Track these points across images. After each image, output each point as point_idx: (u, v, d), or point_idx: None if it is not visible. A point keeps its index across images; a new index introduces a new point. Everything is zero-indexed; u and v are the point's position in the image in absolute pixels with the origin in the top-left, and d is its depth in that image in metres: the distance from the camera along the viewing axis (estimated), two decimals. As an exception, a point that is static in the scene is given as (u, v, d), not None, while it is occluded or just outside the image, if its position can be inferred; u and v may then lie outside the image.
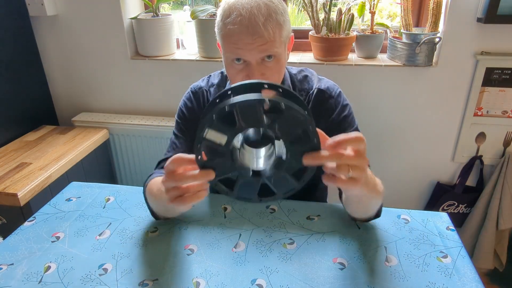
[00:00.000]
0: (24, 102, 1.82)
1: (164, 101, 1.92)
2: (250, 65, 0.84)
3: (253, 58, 0.82)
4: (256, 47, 0.80)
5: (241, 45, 0.81)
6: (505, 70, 1.55)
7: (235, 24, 0.79)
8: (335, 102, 0.97)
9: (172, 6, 2.16)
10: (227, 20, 0.81)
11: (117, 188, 1.10)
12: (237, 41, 0.81)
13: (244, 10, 0.79)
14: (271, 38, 0.80)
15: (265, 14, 0.79)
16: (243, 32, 0.79)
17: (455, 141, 1.74)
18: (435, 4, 1.49)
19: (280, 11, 0.82)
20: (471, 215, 1.76)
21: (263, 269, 0.79)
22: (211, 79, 1.06)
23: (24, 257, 0.84)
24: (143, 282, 0.77)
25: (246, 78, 0.85)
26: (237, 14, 0.79)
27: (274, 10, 0.81)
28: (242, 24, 0.79)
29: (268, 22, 0.79)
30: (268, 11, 0.80)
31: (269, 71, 0.85)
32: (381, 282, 0.75)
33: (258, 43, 0.80)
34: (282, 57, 0.86)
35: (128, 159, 1.93)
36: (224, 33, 0.83)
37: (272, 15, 0.80)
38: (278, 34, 0.82)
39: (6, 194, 1.33)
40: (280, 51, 0.84)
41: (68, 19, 1.82)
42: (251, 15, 0.78)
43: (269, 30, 0.79)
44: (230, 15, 0.80)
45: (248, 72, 0.84)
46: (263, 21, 0.78)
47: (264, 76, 0.85)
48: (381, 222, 0.92)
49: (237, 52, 0.83)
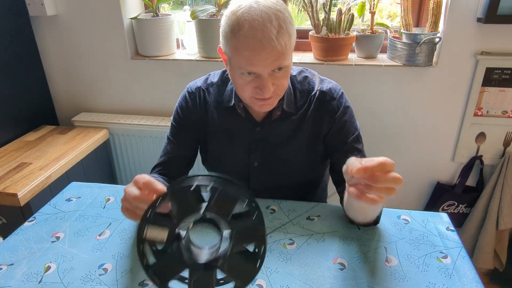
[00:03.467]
0: (24, 102, 1.82)
1: (164, 101, 1.92)
2: (261, 78, 0.83)
3: (265, 71, 0.82)
4: (270, 62, 0.80)
5: (255, 60, 0.80)
6: (505, 70, 1.55)
7: (247, 37, 0.77)
8: (337, 103, 0.96)
9: (172, 6, 2.16)
10: (239, 33, 0.78)
11: (117, 188, 1.10)
12: (251, 56, 0.79)
13: (256, 23, 0.77)
14: (283, 50, 0.79)
15: (277, 26, 0.77)
16: (257, 47, 0.78)
17: (455, 141, 1.74)
18: (435, 4, 1.49)
19: (289, 20, 0.81)
20: (471, 215, 1.76)
21: (263, 269, 0.79)
22: (211, 78, 1.04)
23: (24, 257, 0.84)
24: (143, 282, 0.77)
25: (256, 90, 0.85)
26: (249, 27, 0.77)
27: (284, 20, 0.79)
28: (256, 38, 0.77)
29: (280, 35, 0.78)
30: (279, 22, 0.78)
31: (278, 80, 0.85)
32: (381, 282, 0.75)
33: (272, 57, 0.79)
34: (290, 66, 0.87)
35: (128, 159, 1.93)
36: (236, 46, 0.80)
37: (283, 26, 0.79)
38: (289, 45, 0.81)
39: (6, 194, 1.33)
40: (290, 61, 0.85)
41: (68, 19, 1.82)
42: (264, 28, 0.76)
43: (281, 42, 0.78)
44: (242, 28, 0.78)
45: (259, 84, 0.84)
46: (276, 34, 0.77)
47: (274, 86, 0.85)
48: (381, 223, 0.92)
49: (249, 68, 0.81)
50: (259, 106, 0.89)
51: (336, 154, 0.97)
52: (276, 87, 0.86)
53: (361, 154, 0.96)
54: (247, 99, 0.89)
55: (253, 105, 0.90)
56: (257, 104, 0.89)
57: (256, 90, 0.85)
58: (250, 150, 1.00)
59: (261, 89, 0.84)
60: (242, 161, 1.01)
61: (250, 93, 0.87)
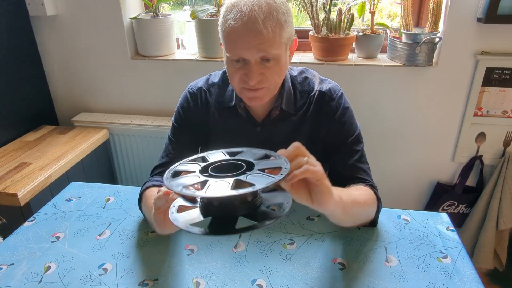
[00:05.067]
0: (24, 102, 1.82)
1: (164, 101, 1.92)
2: (249, 64, 0.83)
3: (252, 57, 0.82)
4: (255, 45, 0.80)
5: (240, 44, 0.81)
6: (505, 70, 1.55)
7: (235, 20, 0.79)
8: (336, 104, 0.96)
9: (172, 6, 2.16)
10: (228, 16, 0.81)
11: (117, 188, 1.10)
12: (236, 39, 0.81)
13: (245, 7, 0.79)
14: (270, 36, 0.80)
15: (266, 11, 0.79)
16: (243, 29, 0.79)
17: (455, 141, 1.74)
18: (435, 4, 1.49)
19: (283, 11, 0.82)
20: (471, 215, 1.76)
21: (263, 269, 0.79)
22: (212, 78, 1.04)
23: (24, 257, 0.84)
24: (143, 282, 0.77)
25: (244, 78, 0.85)
26: (237, 10, 0.79)
27: (276, 9, 0.80)
28: (242, 19, 0.79)
29: (268, 20, 0.79)
30: (269, 9, 0.79)
31: (268, 71, 0.84)
32: (381, 282, 0.75)
33: (257, 41, 0.80)
34: (282, 59, 0.86)
35: (128, 159, 1.93)
36: (225, 29, 0.82)
37: (273, 13, 0.80)
38: (278, 33, 0.81)
39: (6, 194, 1.33)
40: (279, 52, 0.84)
41: (68, 19, 1.82)
42: (251, 11, 0.78)
43: (268, 28, 0.79)
44: (231, 12, 0.80)
45: (246, 71, 0.84)
46: (263, 18, 0.78)
47: (263, 75, 0.84)
48: (381, 222, 0.92)
49: (236, 52, 0.83)
50: (248, 98, 0.89)
51: (335, 155, 0.97)
52: (265, 78, 0.85)
53: (360, 155, 0.95)
54: (237, 89, 0.90)
55: (243, 97, 0.91)
56: (246, 95, 0.89)
57: (243, 78, 0.85)
58: None
59: (247, 76, 0.84)
60: None
61: (238, 82, 0.87)
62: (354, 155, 0.94)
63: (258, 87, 0.85)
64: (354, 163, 0.94)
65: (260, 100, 0.89)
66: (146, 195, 0.90)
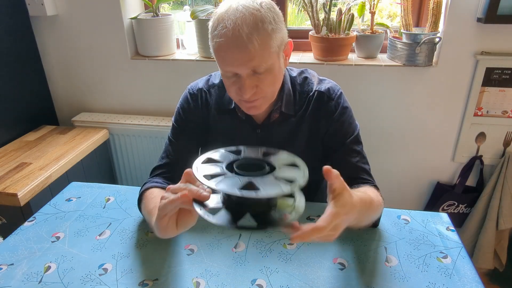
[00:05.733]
0: (24, 102, 1.82)
1: (164, 101, 1.92)
2: (241, 78, 0.82)
3: (243, 72, 0.81)
4: (242, 62, 0.78)
5: (228, 61, 0.80)
6: (505, 70, 1.55)
7: (220, 37, 0.78)
8: (335, 104, 0.95)
9: (172, 6, 2.16)
10: (214, 33, 0.79)
11: (117, 188, 1.10)
12: (224, 56, 0.80)
13: (228, 22, 0.76)
14: (256, 50, 0.76)
15: (250, 24, 0.75)
16: (228, 46, 0.77)
17: (455, 141, 1.74)
18: (435, 4, 1.49)
19: (269, 20, 0.78)
20: (471, 215, 1.76)
21: (263, 269, 0.79)
22: (212, 79, 1.03)
23: (24, 257, 0.84)
24: (143, 282, 0.77)
25: (238, 91, 0.84)
26: (222, 26, 0.77)
27: (261, 19, 0.76)
28: (227, 36, 0.76)
29: (254, 33, 0.75)
30: (254, 20, 0.76)
31: (261, 82, 0.83)
32: (381, 282, 0.75)
33: (244, 57, 0.78)
34: (275, 68, 0.83)
35: (128, 159, 1.93)
36: (213, 45, 0.82)
37: (259, 24, 0.76)
38: (265, 45, 0.78)
39: (6, 194, 1.33)
40: (271, 62, 0.81)
41: (68, 19, 1.82)
42: (235, 26, 0.75)
43: (254, 42, 0.75)
44: (217, 28, 0.78)
45: (239, 85, 0.83)
46: (247, 32, 0.75)
47: (257, 88, 0.83)
48: (381, 222, 0.92)
49: (226, 68, 0.82)
50: (246, 108, 0.89)
51: (335, 156, 0.96)
52: (260, 90, 0.84)
53: (361, 156, 0.95)
54: (235, 100, 0.90)
55: (241, 107, 0.91)
56: (244, 106, 0.89)
57: (238, 92, 0.84)
58: None
59: (241, 90, 0.83)
60: None
61: (235, 95, 0.87)
62: (355, 155, 0.94)
63: (253, 99, 0.85)
64: (355, 163, 0.94)
65: (258, 109, 0.89)
66: (146, 196, 0.89)
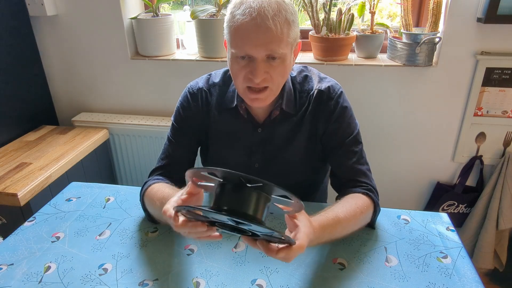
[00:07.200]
0: (24, 102, 1.82)
1: (164, 101, 1.92)
2: (254, 61, 0.82)
3: (259, 54, 0.81)
4: (263, 42, 0.79)
5: (248, 40, 0.80)
6: (505, 70, 1.55)
7: (244, 15, 0.79)
8: (334, 103, 0.95)
9: (172, 6, 2.16)
10: (236, 12, 0.80)
11: (117, 188, 1.10)
12: (244, 34, 0.80)
13: (254, 3, 0.78)
14: (278, 34, 0.79)
15: (275, 9, 0.79)
16: (252, 24, 0.78)
17: (455, 141, 1.74)
18: (435, 4, 1.49)
19: (291, 11, 0.82)
20: (471, 215, 1.76)
21: (263, 269, 0.79)
22: (212, 78, 1.03)
23: (24, 257, 0.84)
24: (143, 282, 0.77)
25: (248, 75, 0.84)
26: (246, 6, 0.79)
27: (284, 8, 0.80)
28: (251, 15, 0.78)
29: (277, 17, 0.78)
30: (279, 7, 0.79)
31: (273, 70, 0.83)
32: (381, 282, 0.75)
33: (265, 38, 0.79)
34: (287, 59, 0.85)
35: (128, 159, 1.94)
36: (232, 24, 0.81)
37: (282, 12, 0.79)
38: (286, 32, 0.81)
39: (6, 194, 1.33)
40: (286, 52, 0.83)
41: (68, 19, 1.82)
42: (261, 7, 0.78)
43: (277, 25, 0.78)
44: (240, 7, 0.80)
45: (251, 69, 0.82)
46: (272, 15, 0.78)
47: (267, 74, 0.83)
48: (381, 223, 0.92)
49: (243, 49, 0.81)
50: (251, 99, 0.88)
51: (334, 156, 0.96)
52: (270, 78, 0.84)
53: (359, 156, 0.95)
54: (240, 88, 0.88)
55: (245, 98, 0.90)
56: (249, 96, 0.88)
57: (248, 76, 0.84)
58: (252, 152, 1.00)
59: (252, 74, 0.83)
60: (243, 163, 1.01)
61: (243, 80, 0.85)
62: (352, 157, 0.94)
63: (262, 85, 0.85)
64: (352, 165, 0.93)
65: (262, 102, 0.89)
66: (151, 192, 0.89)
